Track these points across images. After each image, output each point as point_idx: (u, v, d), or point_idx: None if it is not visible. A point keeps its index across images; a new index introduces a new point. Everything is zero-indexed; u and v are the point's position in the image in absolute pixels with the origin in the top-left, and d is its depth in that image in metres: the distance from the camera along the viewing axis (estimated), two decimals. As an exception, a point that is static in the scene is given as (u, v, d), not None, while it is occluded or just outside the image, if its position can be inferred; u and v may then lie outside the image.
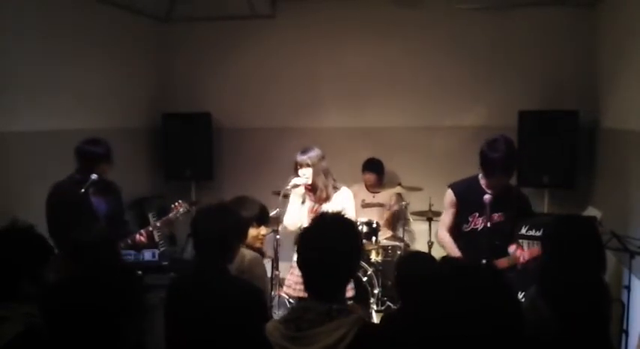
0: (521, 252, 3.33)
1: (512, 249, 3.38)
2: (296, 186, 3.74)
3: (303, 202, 3.84)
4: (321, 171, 3.75)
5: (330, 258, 1.81)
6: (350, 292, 3.82)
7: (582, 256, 2.29)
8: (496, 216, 3.37)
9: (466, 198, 3.46)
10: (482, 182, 3.43)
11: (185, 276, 2.61)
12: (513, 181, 5.09)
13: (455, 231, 3.50)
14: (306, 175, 3.72)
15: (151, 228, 3.86)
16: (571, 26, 5.26)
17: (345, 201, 3.77)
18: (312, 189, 3.77)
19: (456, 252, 3.41)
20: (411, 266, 2.56)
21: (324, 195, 3.75)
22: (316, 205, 3.79)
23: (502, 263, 3.29)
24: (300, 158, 3.75)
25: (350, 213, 3.74)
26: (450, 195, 3.53)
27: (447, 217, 3.55)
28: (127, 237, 3.78)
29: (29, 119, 4.34)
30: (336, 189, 3.80)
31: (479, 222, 3.40)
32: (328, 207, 3.67)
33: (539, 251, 3.18)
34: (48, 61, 4.56)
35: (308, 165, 3.72)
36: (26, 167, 4.30)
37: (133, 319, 1.63)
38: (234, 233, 2.53)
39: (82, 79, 4.95)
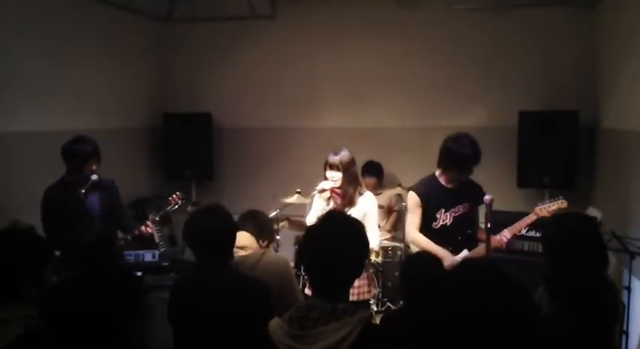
0: (502, 235, 3.51)
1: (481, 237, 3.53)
2: (323, 190, 3.67)
3: (328, 204, 3.75)
4: (353, 173, 3.66)
5: (335, 258, 1.81)
6: (372, 292, 3.81)
7: (586, 254, 2.30)
8: (461, 208, 3.57)
9: (430, 197, 3.60)
10: (441, 179, 3.61)
11: (188, 277, 2.61)
12: (513, 181, 5.14)
13: (425, 229, 3.62)
14: (334, 178, 3.62)
15: (157, 217, 3.83)
16: (571, 26, 5.26)
17: (369, 206, 3.67)
18: (340, 192, 3.65)
19: (433, 246, 3.52)
20: (417, 266, 2.56)
21: (350, 200, 3.64)
22: (341, 208, 3.66)
23: (480, 250, 3.45)
24: (333, 159, 3.62)
25: (374, 218, 3.70)
26: (414, 198, 3.64)
27: (415, 218, 3.65)
28: (128, 231, 3.76)
29: (29, 119, 4.34)
30: (360, 193, 3.70)
31: (447, 218, 3.56)
32: (352, 212, 3.56)
33: (520, 227, 3.53)
34: (48, 61, 4.56)
35: (338, 169, 3.60)
36: (26, 167, 4.30)
37: (133, 319, 1.63)
38: (230, 230, 2.53)
39: (82, 79, 4.95)
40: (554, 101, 5.20)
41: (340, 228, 1.88)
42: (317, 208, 3.75)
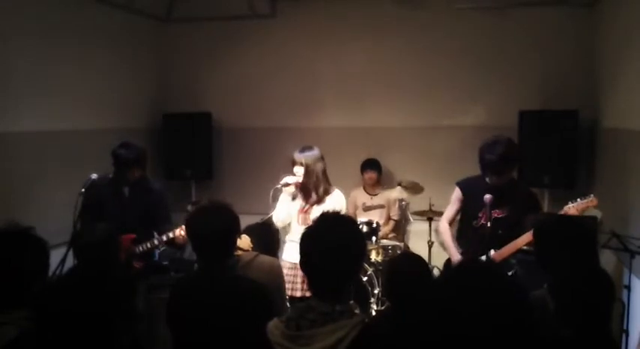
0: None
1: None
2: (287, 184, 3.77)
3: (293, 199, 3.85)
4: (315, 172, 3.74)
5: (332, 259, 1.80)
6: None
7: (582, 253, 2.31)
8: (505, 211, 3.52)
9: (472, 195, 3.61)
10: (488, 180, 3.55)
11: (189, 277, 2.60)
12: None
13: (466, 226, 3.67)
14: (299, 173, 3.74)
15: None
16: (571, 26, 5.26)
17: (337, 204, 3.75)
18: (302, 189, 3.78)
19: (449, 244, 3.62)
20: (401, 266, 2.54)
21: (314, 197, 3.75)
22: (307, 206, 3.79)
23: (505, 251, 3.37)
24: (297, 156, 3.77)
25: None
26: (457, 192, 3.73)
27: (450, 210, 3.77)
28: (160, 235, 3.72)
29: (29, 119, 4.34)
30: (327, 192, 3.79)
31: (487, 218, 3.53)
32: (320, 209, 3.65)
33: None
34: (48, 61, 4.56)
35: (301, 165, 3.73)
36: (27, 167, 4.30)
37: (126, 322, 1.62)
38: (232, 229, 2.52)
39: (82, 79, 4.95)
40: (554, 100, 5.20)
41: (337, 229, 1.87)
42: (282, 203, 3.83)
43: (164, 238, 3.70)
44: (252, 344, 1.89)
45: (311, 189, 3.75)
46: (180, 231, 3.71)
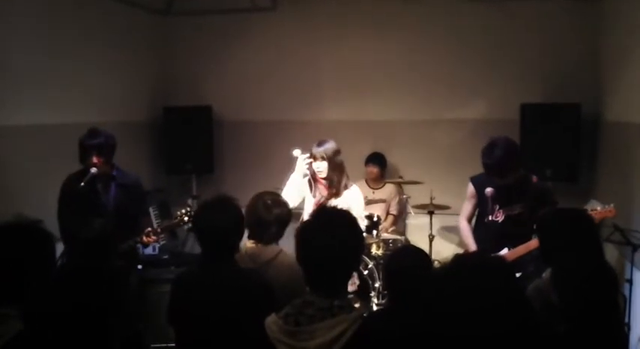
0: None
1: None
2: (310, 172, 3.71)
3: (314, 196, 3.82)
4: (337, 165, 3.71)
5: (331, 253, 1.79)
6: (351, 287, 3.82)
7: (585, 245, 2.30)
8: (519, 208, 3.52)
9: (484, 191, 3.59)
10: None
11: (191, 272, 2.59)
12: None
13: (478, 222, 3.72)
14: (320, 168, 3.69)
15: (159, 229, 3.71)
16: (573, 18, 5.22)
17: (353, 200, 3.74)
18: (326, 183, 3.73)
19: (469, 241, 3.66)
20: (402, 260, 2.53)
21: (334, 191, 3.71)
22: (323, 199, 3.75)
23: (520, 250, 3.38)
24: (316, 150, 3.71)
25: (357, 211, 3.73)
26: (470, 187, 3.75)
27: (467, 207, 3.80)
28: (134, 234, 3.62)
29: (29, 113, 4.33)
30: (347, 187, 3.77)
31: (499, 215, 3.55)
32: (336, 203, 3.64)
33: None
34: (48, 55, 4.54)
35: (323, 159, 3.68)
36: (26, 161, 4.29)
37: (121, 316, 1.61)
38: (238, 224, 2.51)
39: (82, 73, 4.93)
40: (556, 93, 5.17)
41: (335, 224, 1.86)
42: (295, 188, 3.78)
43: (131, 243, 3.58)
44: (256, 340, 1.89)
45: (334, 183, 3.71)
46: (146, 238, 3.58)
